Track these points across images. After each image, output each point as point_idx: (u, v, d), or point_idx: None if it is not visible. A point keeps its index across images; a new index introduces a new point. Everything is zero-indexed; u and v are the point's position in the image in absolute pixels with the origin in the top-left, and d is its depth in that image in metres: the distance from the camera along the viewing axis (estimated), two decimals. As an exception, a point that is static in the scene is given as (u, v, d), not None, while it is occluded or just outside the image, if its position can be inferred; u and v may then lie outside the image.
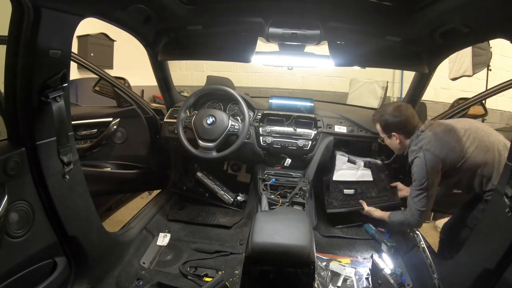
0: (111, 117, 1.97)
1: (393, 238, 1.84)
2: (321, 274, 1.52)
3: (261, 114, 2.08)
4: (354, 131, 2.03)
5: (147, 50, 1.86)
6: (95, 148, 1.94)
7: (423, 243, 1.58)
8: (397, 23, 1.40)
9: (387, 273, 1.57)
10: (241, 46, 1.63)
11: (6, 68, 1.01)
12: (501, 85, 1.78)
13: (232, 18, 1.52)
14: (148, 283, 1.47)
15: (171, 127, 2.05)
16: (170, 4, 1.34)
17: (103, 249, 1.44)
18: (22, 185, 1.07)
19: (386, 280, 1.53)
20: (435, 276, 1.40)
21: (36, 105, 1.06)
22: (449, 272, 1.37)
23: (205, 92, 2.03)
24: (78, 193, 1.28)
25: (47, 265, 1.18)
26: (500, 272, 1.06)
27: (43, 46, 1.00)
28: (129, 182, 2.12)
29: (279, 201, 1.80)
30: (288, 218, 1.32)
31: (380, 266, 1.60)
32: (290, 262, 1.16)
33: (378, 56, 1.68)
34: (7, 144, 1.07)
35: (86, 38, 3.26)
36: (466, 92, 4.31)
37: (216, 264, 1.64)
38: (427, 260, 1.48)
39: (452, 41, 1.47)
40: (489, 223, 1.19)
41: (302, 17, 1.44)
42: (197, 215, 2.10)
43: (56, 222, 1.19)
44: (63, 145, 1.12)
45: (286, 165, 2.02)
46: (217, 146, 1.85)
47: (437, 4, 1.16)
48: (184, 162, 2.37)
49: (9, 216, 1.01)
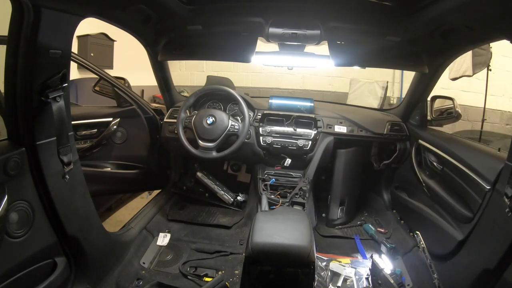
0: (111, 117, 1.97)
1: (393, 239, 1.84)
2: (321, 274, 1.52)
3: (261, 114, 2.08)
4: (354, 131, 2.03)
5: (147, 50, 1.86)
6: (95, 148, 1.94)
7: (423, 243, 1.58)
8: (397, 23, 1.40)
9: (387, 273, 1.57)
10: (241, 46, 1.62)
11: (6, 68, 1.01)
12: None
13: (232, 18, 1.52)
14: (148, 283, 1.47)
15: (171, 127, 2.05)
16: (170, 4, 1.33)
17: (103, 249, 1.44)
18: (22, 185, 1.07)
19: (386, 280, 1.53)
20: (435, 276, 1.40)
21: (36, 105, 1.06)
22: (449, 272, 1.37)
23: (205, 92, 2.03)
24: (78, 193, 1.28)
25: (47, 265, 1.18)
26: (500, 272, 1.06)
27: (43, 46, 1.00)
28: (129, 182, 2.11)
29: (279, 201, 1.80)
30: (288, 218, 1.32)
31: (380, 266, 1.61)
32: (290, 262, 1.16)
33: (378, 56, 1.68)
34: (7, 144, 1.07)
35: (86, 38, 3.26)
36: (466, 92, 4.32)
37: (216, 264, 1.64)
38: (427, 260, 1.48)
39: (452, 41, 1.47)
40: (489, 223, 1.19)
41: (302, 17, 1.44)
42: (197, 215, 2.10)
43: (56, 222, 1.19)
44: (63, 145, 1.12)
45: (286, 165, 2.02)
46: (217, 146, 1.85)
47: (437, 4, 1.15)
48: (184, 162, 2.37)
49: (9, 216, 1.01)
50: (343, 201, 2.05)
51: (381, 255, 1.69)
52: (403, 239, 1.81)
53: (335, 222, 2.05)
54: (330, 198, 2.07)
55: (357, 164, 2.10)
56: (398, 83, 4.88)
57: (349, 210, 2.10)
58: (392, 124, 2.03)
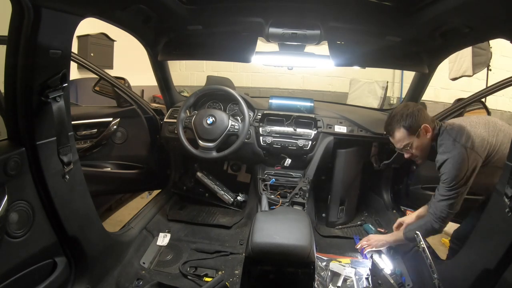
0: (111, 117, 1.97)
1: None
2: (321, 274, 1.52)
3: (261, 114, 2.08)
4: (354, 131, 2.03)
5: (147, 50, 1.86)
6: (95, 148, 1.94)
7: (423, 243, 1.57)
8: (397, 23, 1.40)
9: (387, 273, 1.57)
10: (241, 46, 1.63)
11: (6, 68, 1.01)
12: (499, 84, 1.75)
13: (232, 18, 1.52)
14: (148, 283, 1.47)
15: (171, 127, 2.05)
16: (170, 4, 1.33)
17: (103, 249, 1.44)
18: (22, 185, 1.07)
19: (386, 280, 1.53)
20: (435, 276, 1.40)
21: (36, 105, 1.06)
22: (449, 272, 1.36)
23: (205, 92, 2.03)
24: (78, 193, 1.27)
25: (47, 265, 1.18)
26: (500, 272, 1.06)
27: (43, 46, 1.00)
28: (129, 182, 2.12)
29: (279, 201, 1.80)
30: (288, 218, 1.32)
31: (380, 266, 1.61)
32: (290, 262, 1.16)
33: (378, 56, 1.68)
34: (7, 144, 1.07)
35: (86, 38, 3.26)
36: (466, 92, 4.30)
37: (216, 264, 1.64)
38: (427, 260, 1.48)
39: (452, 41, 1.47)
40: (489, 223, 1.19)
41: (302, 17, 1.44)
42: (197, 215, 2.10)
43: (56, 222, 1.18)
44: (63, 145, 1.12)
45: (286, 165, 2.02)
46: (217, 146, 1.85)
47: (437, 4, 1.15)
48: (184, 162, 2.37)
49: (9, 216, 1.01)
50: (343, 201, 2.05)
51: (381, 255, 1.69)
52: (403, 239, 1.81)
53: (335, 222, 2.05)
54: (330, 198, 2.07)
55: (357, 164, 2.10)
56: (398, 83, 4.89)
57: (349, 210, 2.10)
58: (392, 124, 2.03)
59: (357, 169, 2.12)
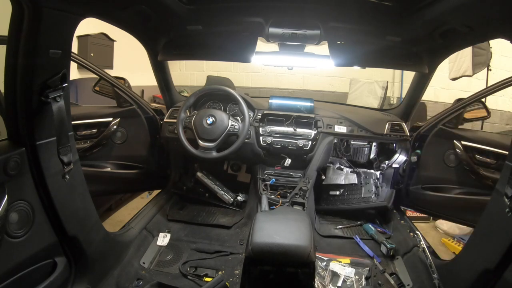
0: (111, 117, 1.97)
1: (393, 239, 1.84)
2: (321, 274, 1.52)
3: (261, 114, 2.08)
4: (354, 131, 2.03)
5: (147, 50, 1.86)
6: (95, 148, 1.93)
7: (423, 243, 1.57)
8: (397, 23, 1.40)
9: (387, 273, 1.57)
10: (241, 46, 1.62)
11: (6, 68, 1.01)
12: (499, 84, 1.75)
13: (232, 18, 1.52)
14: (148, 283, 1.47)
15: (171, 127, 2.05)
16: (170, 4, 1.33)
17: (103, 249, 1.44)
18: (22, 185, 1.07)
19: (386, 280, 1.53)
20: (435, 276, 1.40)
21: (36, 105, 1.06)
22: (449, 272, 1.36)
23: (205, 92, 2.03)
24: (78, 193, 1.27)
25: (47, 265, 1.18)
26: (500, 272, 1.06)
27: (43, 46, 1.00)
28: (129, 182, 2.11)
29: (279, 201, 1.80)
30: (288, 218, 1.32)
31: (380, 266, 1.61)
32: (290, 262, 1.16)
33: (378, 56, 1.68)
34: (7, 144, 1.07)
35: (86, 38, 3.26)
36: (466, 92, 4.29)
37: (216, 264, 1.64)
38: (427, 260, 1.48)
39: (452, 41, 1.47)
40: (489, 223, 1.19)
41: (302, 17, 1.44)
42: (197, 215, 2.10)
43: (56, 222, 1.18)
44: (63, 145, 1.12)
45: (286, 165, 2.02)
46: (217, 146, 1.85)
47: (437, 4, 1.15)
48: (184, 162, 2.37)
49: (9, 216, 1.01)
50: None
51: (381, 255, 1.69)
52: (403, 239, 1.81)
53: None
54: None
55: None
56: (398, 83, 4.88)
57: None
58: (392, 124, 2.03)
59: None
